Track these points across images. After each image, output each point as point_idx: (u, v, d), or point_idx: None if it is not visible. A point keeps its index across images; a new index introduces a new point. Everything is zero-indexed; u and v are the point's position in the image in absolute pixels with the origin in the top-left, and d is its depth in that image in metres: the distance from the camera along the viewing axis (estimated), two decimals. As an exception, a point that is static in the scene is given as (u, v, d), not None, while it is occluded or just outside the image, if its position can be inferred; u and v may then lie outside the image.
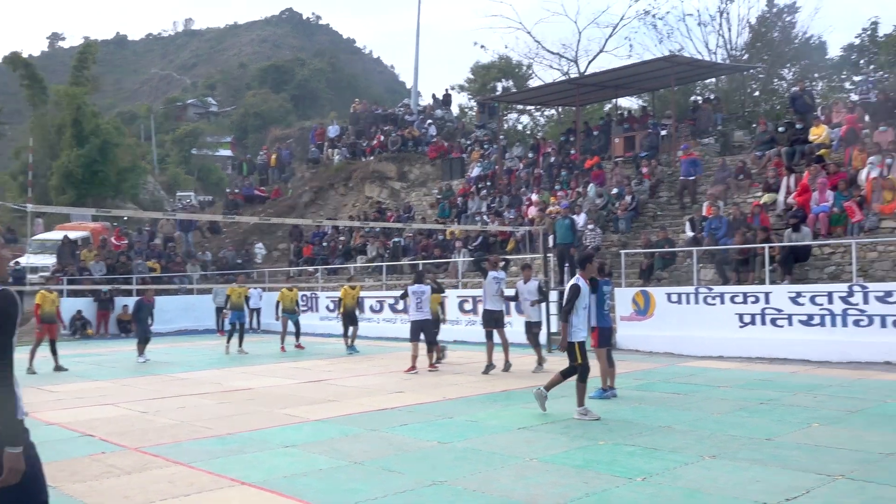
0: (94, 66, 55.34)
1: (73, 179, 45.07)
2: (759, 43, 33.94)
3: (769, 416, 8.75)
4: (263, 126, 72.88)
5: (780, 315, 14.15)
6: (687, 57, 28.46)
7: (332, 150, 36.28)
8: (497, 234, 22.43)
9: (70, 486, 6.41)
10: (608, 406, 9.79)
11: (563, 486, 6.13)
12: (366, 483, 6.41)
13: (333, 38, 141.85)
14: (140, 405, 10.81)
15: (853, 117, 19.17)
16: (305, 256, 28.75)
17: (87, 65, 52.32)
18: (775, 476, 6.25)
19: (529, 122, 43.76)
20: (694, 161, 20.88)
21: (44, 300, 15.96)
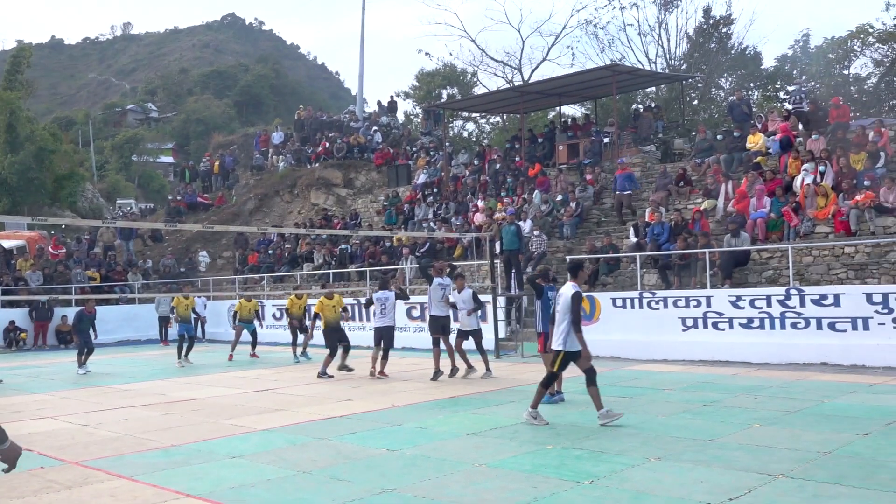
0: (29, 70, 53.78)
1: (8, 187, 43.65)
2: (696, 53, 34.85)
3: (712, 418, 8.96)
4: (206, 132, 71.65)
5: (722, 318, 14.50)
6: (628, 66, 29.02)
7: (276, 156, 35.92)
8: (444, 240, 22.49)
9: (7, 503, 6.20)
10: (556, 410, 9.89)
11: (512, 491, 6.18)
12: (314, 493, 6.36)
13: (277, 43, 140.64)
14: (81, 418, 10.52)
15: (787, 125, 19.79)
16: (251, 264, 28.37)
17: (20, 69, 50.82)
18: (719, 476, 6.40)
19: (475, 130, 44.06)
20: (629, 176, 20.90)
21: None
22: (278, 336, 23.18)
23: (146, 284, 27.81)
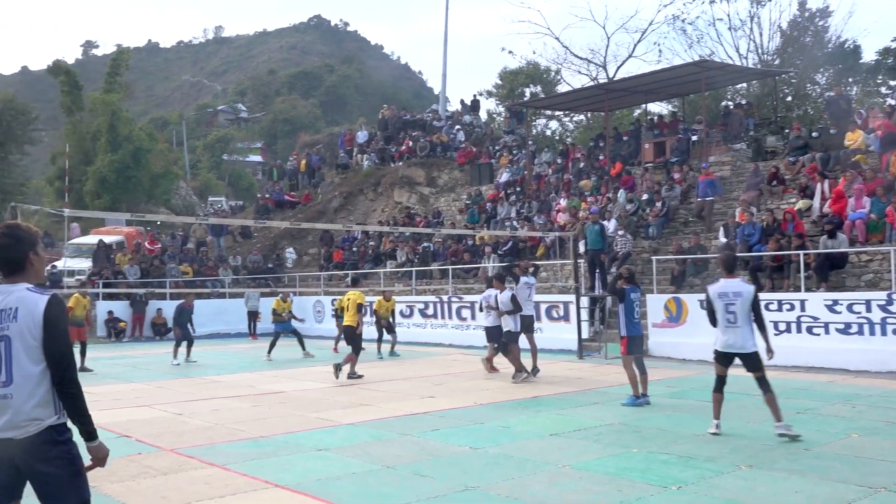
0: (127, 72, 56.21)
1: (108, 185, 45.79)
2: (791, 47, 33.58)
3: (807, 426, 8.62)
4: (293, 132, 73.44)
5: (817, 323, 13.94)
6: (717, 62, 28.23)
7: (361, 155, 36.45)
8: (527, 239, 22.38)
9: (109, 486, 6.49)
10: (642, 413, 9.71)
11: (596, 494, 6.09)
12: (398, 487, 6.43)
13: (361, 44, 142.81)
14: (175, 407, 10.93)
15: (890, 122, 18.86)
16: (335, 261, 28.91)
17: (119, 71, 53.17)
18: (815, 487, 6.16)
19: (558, 128, 43.67)
20: (712, 182, 20.15)
21: (77, 304, 16.20)
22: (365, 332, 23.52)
23: (236, 280, 28.66)
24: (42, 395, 3.51)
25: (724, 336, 8.37)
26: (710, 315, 8.57)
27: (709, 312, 8.59)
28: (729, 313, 8.30)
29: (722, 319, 8.35)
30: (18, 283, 3.59)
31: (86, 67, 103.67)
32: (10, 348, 3.50)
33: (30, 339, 3.49)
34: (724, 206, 20.63)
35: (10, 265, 3.61)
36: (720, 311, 8.36)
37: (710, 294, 8.52)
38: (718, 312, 8.38)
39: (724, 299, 8.34)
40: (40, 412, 3.49)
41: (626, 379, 12.52)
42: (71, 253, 28.97)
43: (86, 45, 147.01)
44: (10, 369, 3.49)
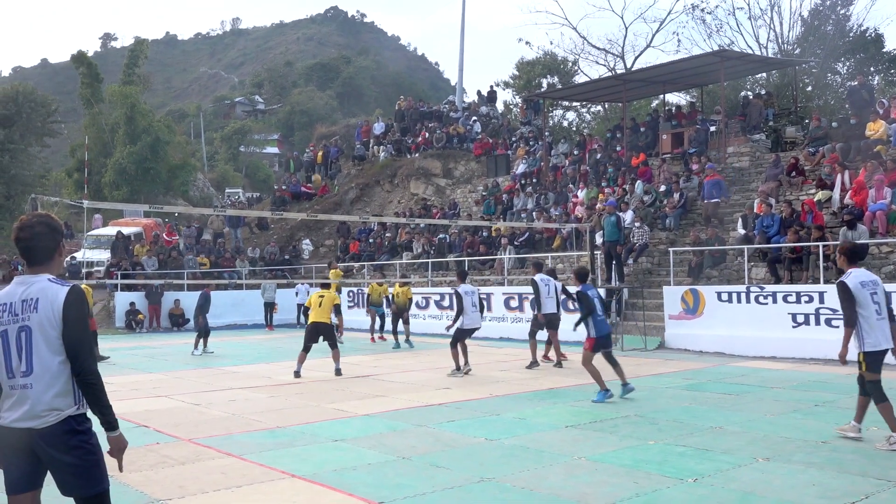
0: (145, 64, 56.56)
1: (127, 176, 46.16)
2: (811, 37, 33.21)
3: (825, 419, 8.56)
4: (309, 123, 73.63)
5: (836, 315, 13.79)
6: (737, 51, 27.98)
7: (377, 146, 36.49)
8: (543, 231, 22.32)
9: (127, 476, 6.55)
10: (658, 406, 9.67)
11: (612, 486, 6.08)
12: (414, 478, 6.44)
13: (378, 35, 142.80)
14: (192, 397, 11.02)
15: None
16: (352, 252, 28.99)
17: (138, 63, 53.48)
18: (832, 480, 6.11)
19: (575, 119, 43.49)
20: (718, 183, 19.76)
21: (87, 295, 16.37)
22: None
23: (252, 271, 28.82)
24: (62, 386, 3.54)
25: (873, 332, 7.21)
26: (849, 311, 7.24)
27: (849, 308, 7.24)
28: (875, 303, 7.20)
29: (870, 313, 7.18)
30: (40, 274, 3.63)
31: (105, 60, 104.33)
32: (31, 339, 3.54)
33: (50, 329, 3.53)
34: (742, 197, 20.47)
35: (43, 254, 3.65)
36: (866, 303, 7.18)
37: (851, 285, 7.21)
38: (864, 306, 7.18)
39: (868, 288, 7.23)
40: (60, 402, 3.53)
41: (642, 372, 12.50)
42: (90, 244, 29.26)
43: (104, 37, 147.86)
44: (31, 360, 3.53)
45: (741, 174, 21.88)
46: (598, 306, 10.30)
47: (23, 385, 3.52)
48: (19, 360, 3.54)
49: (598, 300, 10.38)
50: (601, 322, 10.26)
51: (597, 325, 10.17)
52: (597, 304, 10.27)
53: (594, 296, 10.35)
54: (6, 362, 3.56)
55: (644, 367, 13.35)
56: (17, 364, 3.54)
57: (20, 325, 3.55)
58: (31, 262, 3.65)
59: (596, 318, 10.18)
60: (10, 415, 3.53)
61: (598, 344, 10.18)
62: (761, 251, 16.77)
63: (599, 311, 10.27)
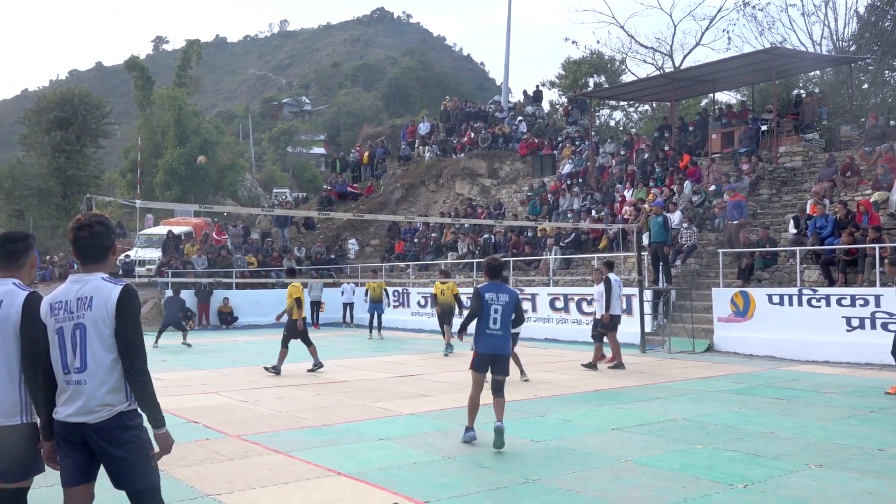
0: (198, 65, 57.64)
1: (177, 176, 47.09)
2: (868, 33, 32.30)
3: (881, 426, 8.33)
4: (356, 124, 74.17)
5: (892, 319, 13.42)
6: (789, 49, 27.40)
7: (422, 147, 36.58)
8: (589, 231, 22.13)
9: (178, 471, 6.67)
10: (707, 409, 9.50)
11: (659, 490, 6.00)
12: (459, 478, 6.44)
13: (424, 35, 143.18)
14: (241, 394, 11.18)
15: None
16: (397, 252, 29.11)
17: (190, 64, 54.51)
18: (890, 489, 5.94)
19: (622, 118, 43.04)
20: (738, 204, 18.67)
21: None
22: (422, 323, 23.69)
23: (299, 270, 29.13)
24: (114, 382, 3.62)
25: None
26: None
27: None
28: None
29: None
30: (94, 273, 3.71)
31: (156, 62, 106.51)
32: (85, 336, 3.62)
33: (103, 327, 3.60)
34: (794, 198, 20.04)
35: (99, 253, 3.74)
36: None
37: None
38: None
39: None
40: (112, 398, 3.60)
41: (690, 375, 12.32)
42: (142, 243, 29.90)
43: (156, 40, 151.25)
44: (85, 356, 3.61)
45: (793, 174, 21.40)
46: (492, 316, 7.74)
47: (77, 381, 3.61)
48: (74, 357, 3.62)
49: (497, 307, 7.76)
50: (489, 337, 7.82)
51: (480, 341, 7.87)
52: (492, 313, 7.74)
53: (492, 299, 7.79)
54: (62, 358, 3.65)
55: (692, 370, 13.15)
56: (71, 360, 3.63)
57: (75, 322, 3.63)
58: (86, 261, 3.73)
59: (484, 331, 7.82)
60: (65, 409, 3.61)
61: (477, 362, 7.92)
62: (814, 253, 16.38)
63: (492, 323, 7.75)
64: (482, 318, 7.72)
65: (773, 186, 21.09)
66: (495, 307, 7.69)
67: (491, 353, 7.76)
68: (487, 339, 7.74)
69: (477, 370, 7.85)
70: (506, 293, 7.83)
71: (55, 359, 3.67)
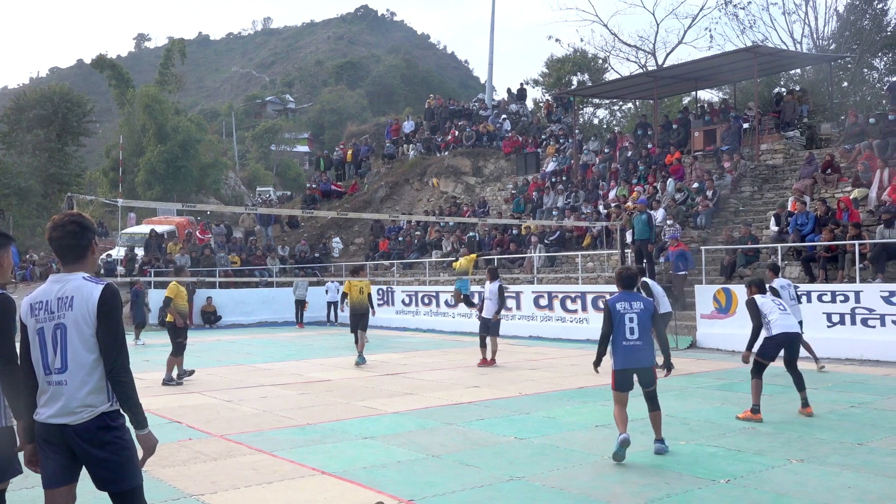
0: (182, 64, 57.30)
1: (158, 175, 46.77)
2: (847, 32, 32.60)
3: (861, 420, 8.42)
4: (339, 122, 74.07)
5: (872, 315, 13.57)
6: (771, 47, 27.57)
7: (407, 145, 36.55)
8: (573, 229, 22.20)
9: (160, 471, 6.64)
10: (690, 405, 9.57)
11: (643, 486, 6.04)
12: (443, 476, 6.45)
13: (408, 33, 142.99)
14: (224, 394, 11.13)
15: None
16: (381, 251, 29.08)
17: (173, 62, 54.17)
18: (868, 483, 6.01)
19: (606, 116, 43.20)
20: (683, 254, 17.74)
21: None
22: (407, 321, 23.69)
23: (283, 269, 29.04)
24: (95, 383, 3.59)
25: None
26: None
27: None
28: None
29: None
30: (75, 273, 3.68)
31: (139, 60, 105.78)
32: (66, 336, 3.59)
33: (85, 327, 3.58)
34: (775, 195, 20.20)
35: (75, 252, 3.70)
36: None
37: None
38: None
39: None
40: (94, 399, 3.58)
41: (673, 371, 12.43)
42: (124, 242, 29.68)
43: (138, 37, 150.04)
44: (66, 356, 3.58)
45: (775, 171, 21.58)
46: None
47: (58, 381, 3.58)
48: (55, 357, 3.60)
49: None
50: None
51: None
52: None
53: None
54: (43, 359, 3.62)
55: (675, 367, 13.20)
56: (52, 360, 3.60)
57: (56, 322, 3.60)
58: (64, 261, 3.71)
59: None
60: (45, 411, 3.59)
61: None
62: (795, 250, 16.53)
63: None
64: (617, 331, 7.00)
65: (755, 184, 21.25)
66: (629, 315, 6.99)
67: (630, 367, 6.96)
68: (624, 352, 6.95)
69: (619, 389, 7.01)
70: (639, 300, 7.16)
71: (36, 359, 3.65)
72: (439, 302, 22.74)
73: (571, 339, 18.11)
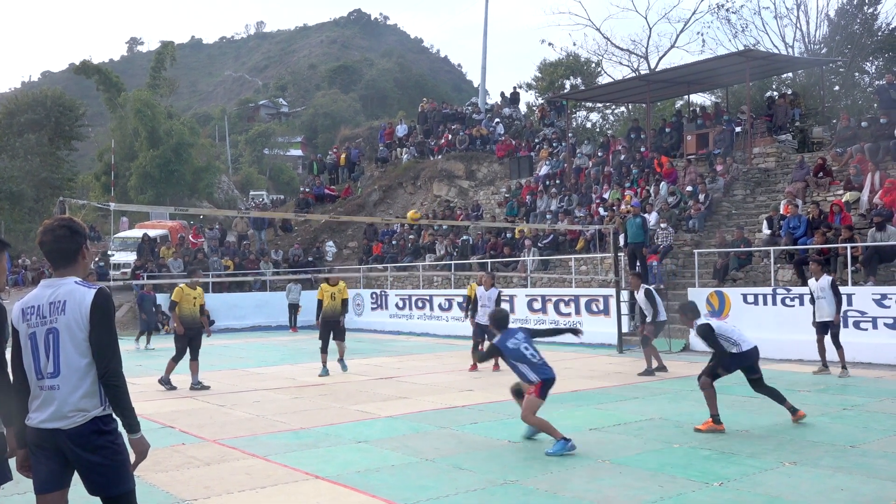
0: (171, 68, 57.16)
1: (151, 179, 46.60)
2: (838, 36, 32.79)
3: (853, 423, 8.45)
4: (333, 126, 74.00)
5: (864, 318, 13.64)
6: (763, 51, 27.69)
7: (400, 149, 36.55)
8: (567, 232, 22.23)
9: (153, 476, 6.62)
10: (685, 408, 9.59)
11: (636, 489, 6.04)
12: (437, 480, 6.45)
13: (401, 37, 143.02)
14: (217, 398, 11.10)
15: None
16: (375, 254, 29.06)
17: (164, 65, 54.02)
18: (861, 485, 6.03)
19: (599, 120, 43.30)
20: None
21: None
22: (400, 325, 23.68)
23: (276, 273, 28.99)
24: (88, 387, 3.58)
25: None
26: None
27: None
28: None
29: None
30: (67, 277, 3.67)
31: (132, 64, 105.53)
32: (58, 340, 3.58)
33: (77, 331, 3.57)
34: (768, 198, 20.27)
35: (65, 257, 3.69)
36: None
37: None
38: None
39: None
40: (86, 403, 3.57)
41: (666, 374, 12.48)
42: (116, 246, 29.59)
43: (131, 41, 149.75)
44: (58, 361, 3.57)
45: (767, 175, 21.65)
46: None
47: (50, 386, 3.57)
48: (47, 361, 3.59)
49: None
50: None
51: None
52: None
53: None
54: (35, 364, 3.61)
55: (669, 370, 13.25)
56: (44, 365, 3.59)
57: (48, 326, 3.59)
58: (55, 266, 3.70)
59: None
60: (37, 415, 3.58)
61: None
62: (788, 253, 16.58)
63: None
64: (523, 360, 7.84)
65: (748, 187, 21.32)
66: (524, 345, 7.85)
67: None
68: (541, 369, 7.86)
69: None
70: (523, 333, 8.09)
71: (28, 364, 3.63)
72: (433, 306, 22.75)
73: (565, 342, 18.10)
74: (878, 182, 16.99)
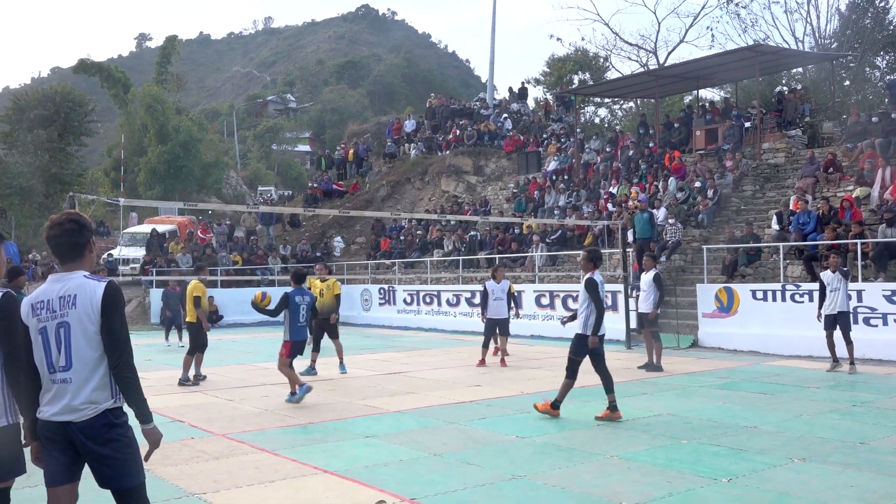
0: (180, 64, 57.28)
1: (159, 175, 46.75)
2: (849, 30, 32.58)
3: (863, 419, 8.41)
4: (341, 121, 73.96)
5: (874, 314, 13.56)
6: (773, 46, 27.55)
7: (408, 144, 36.53)
8: (575, 228, 22.19)
9: (162, 470, 6.65)
10: (692, 404, 9.57)
11: (645, 485, 6.03)
12: (445, 475, 6.45)
13: (409, 33, 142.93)
14: (226, 393, 11.14)
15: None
16: (383, 250, 29.07)
17: (170, 60, 54.07)
18: (871, 482, 6.00)
19: (607, 115, 43.17)
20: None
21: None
22: (408, 321, 23.69)
23: (285, 268, 29.03)
24: (99, 380, 3.60)
25: None
26: None
27: None
28: None
29: None
30: (75, 271, 3.69)
31: (140, 60, 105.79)
32: (70, 334, 3.60)
33: (88, 324, 3.59)
34: (777, 194, 20.18)
35: (73, 251, 3.70)
36: None
37: None
38: None
39: None
40: (98, 396, 3.59)
41: (675, 370, 12.46)
42: (125, 242, 29.70)
43: (139, 37, 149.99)
44: (70, 354, 3.59)
45: (777, 170, 21.56)
46: (302, 313, 10.15)
47: (62, 379, 3.59)
48: (59, 355, 3.61)
49: (303, 307, 10.16)
50: (300, 328, 10.20)
51: (293, 331, 10.11)
52: (301, 310, 10.14)
53: (301, 301, 10.22)
54: (46, 358, 3.63)
55: (677, 366, 13.23)
56: (56, 359, 3.61)
57: (59, 321, 3.61)
58: (63, 260, 3.72)
59: (296, 324, 10.11)
60: (49, 409, 3.59)
61: (293, 348, 10.13)
62: (797, 249, 16.51)
63: (301, 318, 10.16)
64: (297, 315, 10.38)
65: (757, 182, 21.23)
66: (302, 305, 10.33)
67: (303, 337, 10.42)
68: (298, 331, 10.29)
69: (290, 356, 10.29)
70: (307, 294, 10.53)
71: (39, 359, 3.65)
72: (441, 301, 22.75)
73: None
74: (889, 178, 16.89)
